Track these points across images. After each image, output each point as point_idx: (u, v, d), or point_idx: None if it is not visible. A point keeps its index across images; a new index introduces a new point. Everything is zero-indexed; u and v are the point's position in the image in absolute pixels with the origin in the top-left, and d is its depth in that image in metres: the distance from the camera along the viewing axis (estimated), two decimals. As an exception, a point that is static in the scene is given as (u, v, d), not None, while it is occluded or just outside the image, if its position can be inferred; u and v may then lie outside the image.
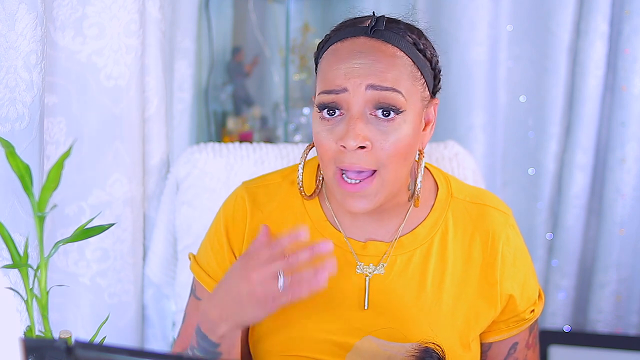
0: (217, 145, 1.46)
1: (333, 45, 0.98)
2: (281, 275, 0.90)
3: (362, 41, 0.96)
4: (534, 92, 1.85)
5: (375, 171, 0.95)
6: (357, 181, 0.95)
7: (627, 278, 1.83)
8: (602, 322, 1.84)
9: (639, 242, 1.81)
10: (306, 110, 1.95)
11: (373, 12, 1.00)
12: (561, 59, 1.78)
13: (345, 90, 0.94)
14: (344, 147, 0.93)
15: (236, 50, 1.96)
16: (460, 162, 1.45)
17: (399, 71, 0.94)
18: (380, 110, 0.94)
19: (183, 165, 1.43)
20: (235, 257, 1.08)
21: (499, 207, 1.08)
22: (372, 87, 0.93)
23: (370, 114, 0.94)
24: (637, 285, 1.83)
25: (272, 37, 1.99)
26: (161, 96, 1.45)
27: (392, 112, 0.94)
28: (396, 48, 0.96)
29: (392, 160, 0.95)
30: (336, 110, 0.95)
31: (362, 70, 0.93)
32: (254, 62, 1.99)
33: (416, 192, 1.00)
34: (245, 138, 1.92)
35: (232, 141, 1.80)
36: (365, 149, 0.94)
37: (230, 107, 1.98)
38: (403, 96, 0.94)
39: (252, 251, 0.93)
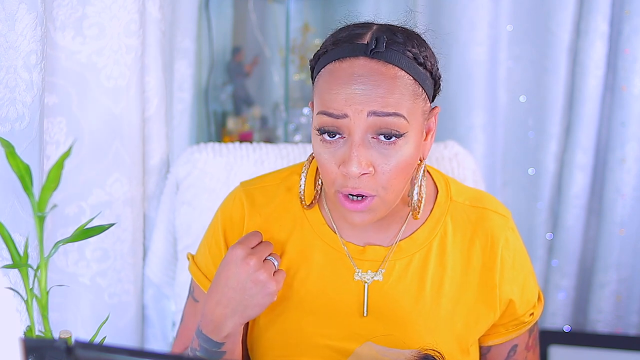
0: (217, 145, 1.46)
1: (331, 65, 0.94)
2: (274, 258, 0.99)
3: (362, 63, 0.92)
4: (534, 92, 1.85)
5: (375, 196, 0.94)
6: (360, 198, 0.94)
7: (627, 278, 1.83)
8: (602, 322, 1.84)
9: (639, 242, 1.81)
10: (306, 110, 1.95)
11: (377, 27, 0.96)
12: (561, 59, 1.78)
13: (345, 116, 0.91)
14: (347, 173, 0.92)
15: (236, 50, 1.96)
16: (460, 162, 1.45)
17: (400, 93, 0.91)
18: (382, 135, 0.92)
19: (183, 165, 1.43)
20: None
21: (498, 210, 1.08)
22: (374, 113, 0.90)
23: (372, 137, 0.92)
24: (637, 285, 1.83)
25: (272, 37, 1.99)
26: (161, 96, 1.45)
27: (393, 137, 0.92)
28: (397, 68, 0.92)
29: (393, 183, 0.94)
30: (336, 134, 0.93)
31: (362, 97, 0.90)
32: (254, 62, 1.99)
33: (413, 204, 0.99)
34: (245, 138, 1.91)
35: (232, 141, 1.80)
36: (367, 174, 0.92)
37: (230, 107, 1.98)
38: (405, 119, 0.92)
39: (241, 241, 0.98)
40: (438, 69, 1.00)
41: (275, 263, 0.98)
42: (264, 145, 1.48)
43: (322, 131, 0.94)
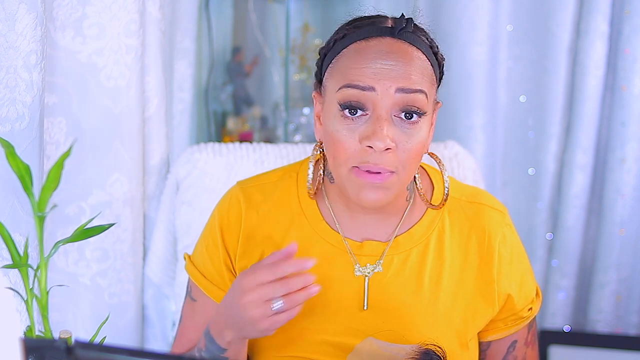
0: (217, 145, 1.46)
1: (355, 44, 0.97)
2: (277, 300, 0.89)
3: (389, 42, 0.95)
4: (534, 92, 1.85)
5: (394, 172, 0.95)
6: (378, 172, 0.95)
7: (627, 278, 1.83)
8: (602, 322, 1.84)
9: (639, 242, 1.81)
10: (306, 110, 1.95)
11: (402, 14, 1.00)
12: (561, 59, 1.78)
13: (372, 89, 0.93)
14: (370, 147, 0.93)
15: (236, 50, 1.96)
16: (460, 162, 1.45)
17: (422, 74, 0.95)
18: (404, 113, 0.94)
19: (183, 165, 1.43)
20: (230, 258, 1.08)
21: (495, 206, 1.09)
22: (401, 90, 0.93)
23: (395, 115, 0.94)
24: (637, 285, 1.83)
25: (272, 37, 1.99)
26: (161, 96, 1.45)
27: (415, 115, 0.94)
28: (420, 51, 0.96)
29: (411, 162, 0.96)
30: (359, 110, 0.95)
31: (392, 73, 0.93)
32: (254, 62, 1.99)
33: (421, 193, 1.02)
34: (245, 138, 1.91)
35: (232, 141, 1.80)
36: (390, 151, 0.94)
37: (230, 107, 1.98)
38: (427, 97, 0.95)
39: (254, 269, 0.92)
40: (444, 64, 1.03)
41: (278, 306, 0.90)
42: (264, 145, 1.48)
43: (344, 106, 0.95)
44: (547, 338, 1.68)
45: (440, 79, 1.03)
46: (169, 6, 1.53)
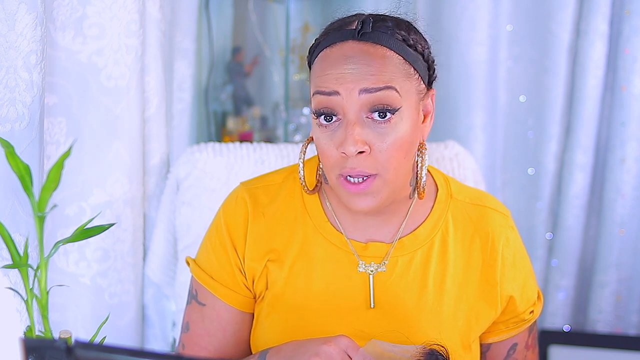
0: (217, 145, 1.46)
1: (322, 52, 0.97)
2: None
3: (351, 45, 0.95)
4: (534, 92, 1.85)
5: (376, 174, 0.95)
6: (361, 180, 0.95)
7: (627, 278, 1.83)
8: (602, 322, 1.84)
9: (639, 242, 1.81)
10: (306, 110, 1.95)
11: (367, 15, 0.99)
12: (561, 59, 1.78)
13: (336, 93, 0.93)
14: (344, 153, 0.93)
15: (236, 50, 1.96)
16: (460, 162, 1.45)
17: (391, 71, 0.94)
18: (377, 113, 0.94)
19: (183, 165, 1.43)
20: (239, 257, 1.07)
21: (498, 208, 1.09)
22: (365, 91, 0.93)
23: (367, 117, 0.94)
24: (637, 285, 1.83)
25: (272, 37, 1.99)
26: (161, 96, 1.45)
27: (387, 113, 0.94)
28: (385, 48, 0.95)
29: (392, 161, 0.95)
30: (333, 116, 0.95)
31: (352, 76, 0.93)
32: (254, 62, 1.99)
33: (422, 185, 1.01)
34: (245, 138, 1.91)
35: (232, 141, 1.80)
36: (364, 153, 0.94)
37: (230, 107, 1.98)
38: (397, 92, 0.94)
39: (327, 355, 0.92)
40: (430, 52, 1.02)
41: None
42: (264, 145, 1.48)
43: (318, 113, 0.96)
44: (547, 338, 1.68)
45: (430, 68, 1.01)
46: (169, 6, 1.53)
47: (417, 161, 1.02)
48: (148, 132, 1.44)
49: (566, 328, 1.88)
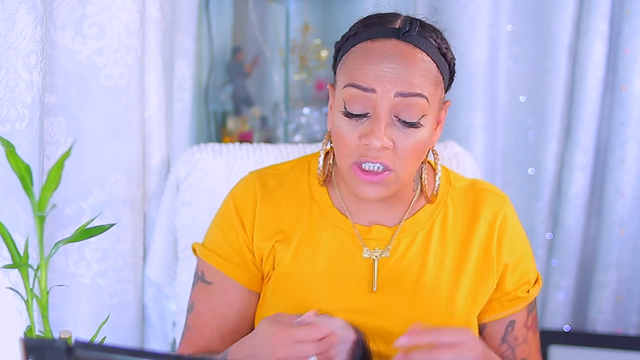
0: (217, 145, 1.46)
1: (363, 43, 0.99)
2: (311, 357, 0.88)
3: (393, 44, 0.98)
4: (534, 92, 1.85)
5: (392, 169, 0.99)
6: (378, 168, 0.98)
7: (627, 278, 1.83)
8: (602, 322, 1.84)
9: (639, 242, 1.81)
10: (306, 110, 1.95)
11: (408, 16, 1.02)
12: (561, 59, 1.78)
13: (373, 91, 0.96)
14: (368, 145, 0.96)
15: (236, 50, 1.96)
16: (460, 162, 1.45)
17: (424, 77, 0.97)
18: (404, 121, 0.97)
19: (183, 165, 1.43)
20: (247, 235, 1.09)
21: (495, 190, 1.13)
22: (401, 94, 0.96)
23: (394, 116, 0.97)
24: (637, 285, 1.83)
25: (272, 37, 1.99)
26: (161, 96, 1.45)
27: (416, 123, 0.97)
28: (424, 53, 0.98)
29: (409, 161, 0.99)
30: (362, 113, 0.98)
31: (392, 76, 0.96)
32: (254, 62, 1.99)
33: (434, 191, 1.06)
34: (245, 138, 1.91)
35: (232, 141, 1.80)
36: (387, 149, 0.97)
37: (230, 107, 1.98)
38: (427, 101, 0.97)
39: (287, 326, 0.90)
40: (455, 64, 1.05)
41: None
42: (264, 145, 1.48)
43: (347, 111, 0.98)
44: (547, 338, 1.68)
45: (451, 78, 1.05)
46: (169, 6, 1.52)
47: (422, 162, 1.06)
48: (148, 132, 1.44)
49: (566, 328, 1.88)
